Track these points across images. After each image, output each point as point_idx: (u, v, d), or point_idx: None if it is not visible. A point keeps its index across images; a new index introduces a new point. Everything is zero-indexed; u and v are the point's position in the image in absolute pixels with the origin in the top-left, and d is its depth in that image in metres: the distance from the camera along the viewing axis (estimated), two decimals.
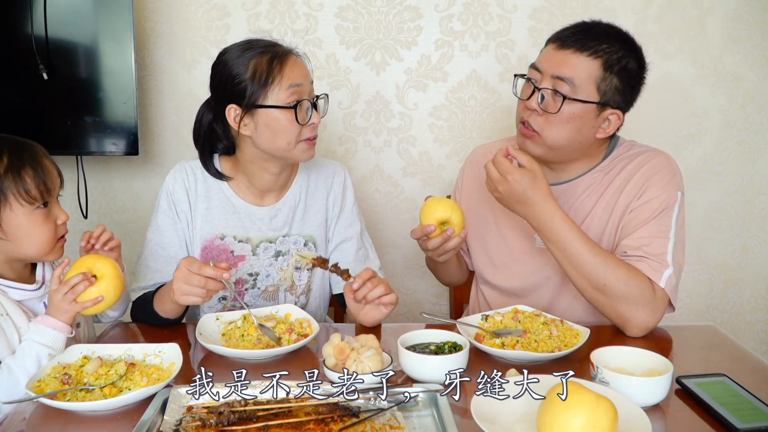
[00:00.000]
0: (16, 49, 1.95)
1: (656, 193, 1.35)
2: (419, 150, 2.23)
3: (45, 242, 1.24)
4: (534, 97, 1.34)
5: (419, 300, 2.33)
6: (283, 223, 1.54)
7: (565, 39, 1.33)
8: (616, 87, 1.32)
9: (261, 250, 1.52)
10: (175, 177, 1.52)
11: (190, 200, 1.51)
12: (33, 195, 1.20)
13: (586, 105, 1.31)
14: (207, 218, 1.50)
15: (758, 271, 2.33)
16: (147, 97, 2.18)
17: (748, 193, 2.27)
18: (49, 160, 1.26)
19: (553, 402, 0.83)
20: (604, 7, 2.11)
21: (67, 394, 1.01)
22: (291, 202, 1.55)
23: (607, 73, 1.30)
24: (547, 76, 1.33)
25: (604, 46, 1.30)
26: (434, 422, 0.95)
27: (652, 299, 1.27)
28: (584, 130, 1.34)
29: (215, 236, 1.50)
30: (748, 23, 2.13)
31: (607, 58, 1.30)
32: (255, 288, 1.54)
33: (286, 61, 1.38)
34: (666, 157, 1.42)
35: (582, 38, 1.31)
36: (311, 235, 1.56)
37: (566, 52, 1.32)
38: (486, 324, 1.28)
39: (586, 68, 1.30)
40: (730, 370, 1.12)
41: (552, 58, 1.34)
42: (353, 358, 1.05)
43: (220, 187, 1.52)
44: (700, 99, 2.18)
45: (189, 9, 2.12)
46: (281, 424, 0.91)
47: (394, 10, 2.12)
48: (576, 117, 1.32)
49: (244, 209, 1.52)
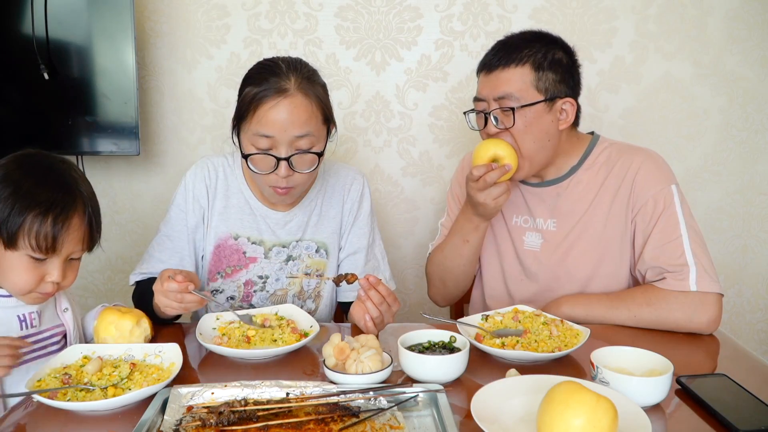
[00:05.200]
0: (16, 49, 1.96)
1: (650, 194, 1.38)
2: (419, 150, 2.23)
3: (20, 287, 1.15)
4: (489, 124, 1.41)
5: (419, 300, 2.33)
6: (297, 228, 1.53)
7: (489, 63, 1.41)
8: (554, 80, 1.39)
9: (273, 254, 1.52)
10: (197, 172, 1.51)
11: (209, 196, 1.50)
12: (32, 244, 1.11)
13: (534, 107, 1.38)
14: (223, 216, 1.50)
15: (758, 271, 2.33)
16: (147, 97, 2.18)
17: (748, 193, 2.27)
18: (81, 221, 1.16)
19: (553, 402, 0.83)
20: (604, 7, 2.11)
21: (67, 394, 1.01)
22: (307, 208, 1.54)
23: (540, 72, 1.37)
24: (490, 100, 1.40)
25: (525, 51, 1.38)
26: (434, 422, 0.95)
27: (693, 305, 1.30)
28: (545, 128, 1.40)
29: (229, 235, 1.50)
30: (748, 23, 2.13)
31: (533, 60, 1.38)
32: (264, 291, 1.53)
33: (263, 105, 1.29)
34: (648, 156, 1.44)
35: (503, 55, 1.39)
36: (324, 241, 1.56)
37: (495, 73, 1.40)
38: (486, 324, 1.29)
39: (519, 78, 1.37)
40: (730, 370, 1.12)
41: (487, 85, 1.41)
42: (353, 358, 1.05)
43: (239, 188, 1.52)
44: (700, 99, 2.19)
45: (189, 9, 2.12)
46: (281, 424, 0.91)
47: (394, 10, 2.12)
48: (532, 121, 1.38)
49: (261, 212, 1.51)
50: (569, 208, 1.47)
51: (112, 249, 2.30)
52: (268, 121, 1.30)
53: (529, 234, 1.53)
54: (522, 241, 1.53)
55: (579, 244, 1.46)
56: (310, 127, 1.32)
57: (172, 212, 1.51)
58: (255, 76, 1.35)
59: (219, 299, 1.51)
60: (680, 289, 1.31)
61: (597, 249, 1.44)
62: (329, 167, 1.59)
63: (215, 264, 1.51)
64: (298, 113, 1.30)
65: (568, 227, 1.47)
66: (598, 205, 1.44)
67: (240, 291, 1.52)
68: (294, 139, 1.31)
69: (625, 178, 1.42)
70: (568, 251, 1.47)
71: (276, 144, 1.31)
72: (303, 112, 1.31)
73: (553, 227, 1.49)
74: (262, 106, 1.30)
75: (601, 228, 1.44)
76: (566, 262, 1.47)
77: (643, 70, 2.16)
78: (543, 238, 1.50)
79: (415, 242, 2.30)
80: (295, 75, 1.32)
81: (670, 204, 1.37)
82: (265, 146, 1.32)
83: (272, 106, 1.29)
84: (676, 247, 1.34)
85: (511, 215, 1.55)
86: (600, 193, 1.44)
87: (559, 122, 1.41)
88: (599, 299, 1.39)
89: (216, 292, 1.51)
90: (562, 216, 1.48)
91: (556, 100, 1.39)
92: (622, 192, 1.42)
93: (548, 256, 1.49)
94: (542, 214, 1.51)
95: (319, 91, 1.36)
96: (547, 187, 1.50)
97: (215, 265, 1.51)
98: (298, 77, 1.32)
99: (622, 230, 1.42)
